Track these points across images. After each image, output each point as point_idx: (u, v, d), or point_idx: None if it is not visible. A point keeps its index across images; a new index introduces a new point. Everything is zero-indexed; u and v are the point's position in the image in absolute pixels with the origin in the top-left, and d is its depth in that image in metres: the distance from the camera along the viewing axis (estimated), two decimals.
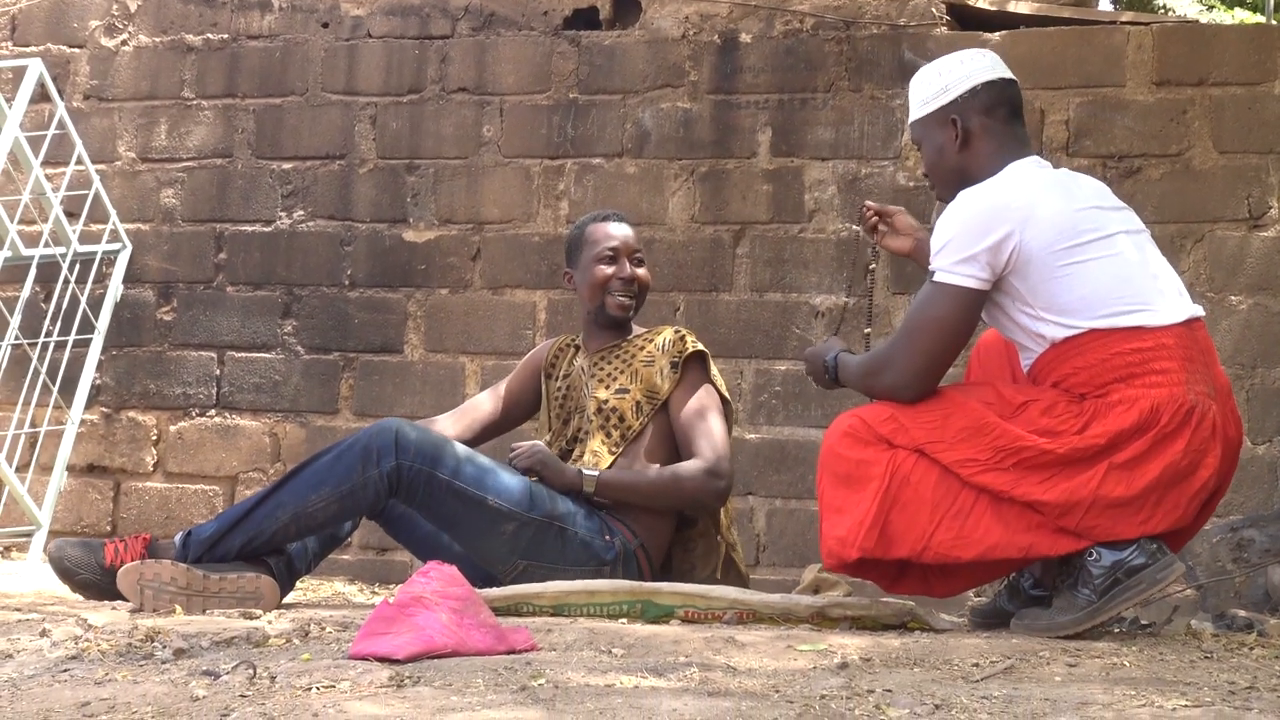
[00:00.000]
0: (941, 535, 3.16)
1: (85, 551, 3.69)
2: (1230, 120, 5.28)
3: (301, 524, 3.67)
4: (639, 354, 4.02)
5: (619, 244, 4.09)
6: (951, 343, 3.26)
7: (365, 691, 2.43)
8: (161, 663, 2.80)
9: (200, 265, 6.09)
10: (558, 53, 5.87)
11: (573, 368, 4.15)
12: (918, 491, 3.17)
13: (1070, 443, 3.11)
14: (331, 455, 3.69)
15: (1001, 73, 3.45)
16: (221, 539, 3.65)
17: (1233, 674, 2.74)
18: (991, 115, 3.38)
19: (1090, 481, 3.09)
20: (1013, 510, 3.14)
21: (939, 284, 3.24)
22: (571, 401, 4.10)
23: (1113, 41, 5.42)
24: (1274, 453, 5.13)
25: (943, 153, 3.42)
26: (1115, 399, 3.13)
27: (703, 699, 2.36)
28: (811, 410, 5.47)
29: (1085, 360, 3.17)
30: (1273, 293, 5.19)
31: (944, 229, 3.25)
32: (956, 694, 2.46)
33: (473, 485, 3.68)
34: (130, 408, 6.07)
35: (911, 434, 3.20)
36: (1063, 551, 3.15)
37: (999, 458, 3.13)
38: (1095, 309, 3.17)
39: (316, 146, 6.04)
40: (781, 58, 5.67)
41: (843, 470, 3.25)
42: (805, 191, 5.59)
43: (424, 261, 5.89)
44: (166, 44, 6.22)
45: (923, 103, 3.45)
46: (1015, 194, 3.25)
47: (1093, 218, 3.25)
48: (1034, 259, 3.18)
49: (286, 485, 3.68)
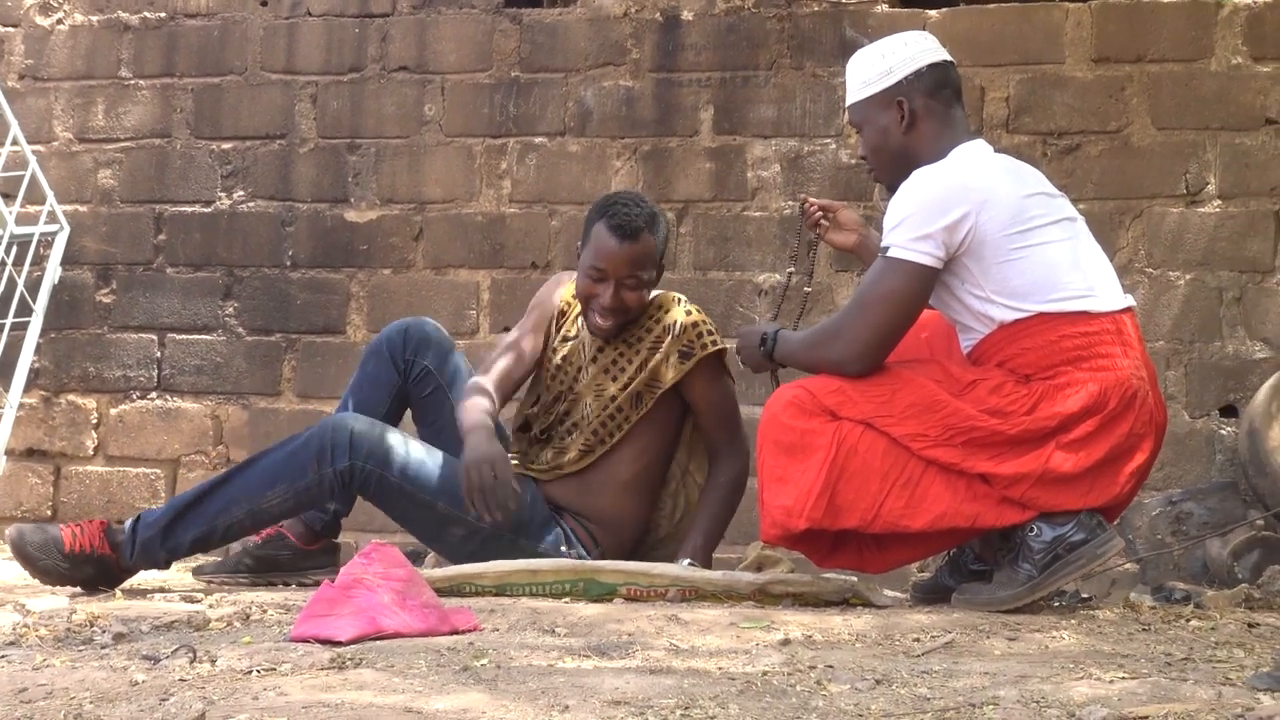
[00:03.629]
0: (891, 503, 3.18)
1: (44, 536, 3.66)
2: (1168, 97, 5.32)
3: (257, 519, 3.71)
4: (646, 338, 3.86)
5: (608, 268, 3.76)
6: (903, 319, 3.27)
7: (306, 674, 2.43)
8: (101, 648, 2.78)
9: (139, 247, 6.03)
10: (499, 31, 5.84)
11: (578, 335, 3.93)
12: (866, 461, 3.18)
13: (1020, 423, 3.16)
14: (285, 451, 3.68)
15: (943, 55, 3.46)
16: (172, 530, 3.64)
17: (1170, 646, 2.78)
18: (936, 97, 3.39)
19: (1040, 458, 3.15)
20: (961, 480, 3.18)
21: (894, 259, 3.24)
22: (565, 375, 3.92)
23: (1052, 18, 5.44)
24: (1211, 427, 5.19)
25: (887, 135, 3.41)
26: (1063, 381, 3.18)
27: (645, 677, 2.36)
28: (755, 388, 5.47)
29: (1033, 342, 3.21)
30: (1210, 268, 5.24)
31: (900, 206, 3.26)
32: (897, 669, 2.48)
33: (423, 489, 3.67)
34: (70, 391, 6.02)
35: (859, 407, 3.21)
36: (1007, 522, 3.19)
37: (949, 435, 3.17)
38: (1044, 293, 3.22)
39: (256, 126, 5.99)
40: (723, 35, 5.67)
41: (786, 440, 3.24)
42: (748, 169, 5.59)
43: (366, 241, 5.85)
44: (102, 23, 6.15)
45: (864, 84, 3.43)
46: (973, 175, 3.27)
47: (1042, 203, 3.29)
48: (988, 241, 3.21)
49: (238, 479, 3.67)
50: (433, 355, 4.00)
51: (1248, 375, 5.16)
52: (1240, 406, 5.13)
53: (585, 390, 3.87)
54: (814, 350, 3.34)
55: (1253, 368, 5.16)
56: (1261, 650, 2.76)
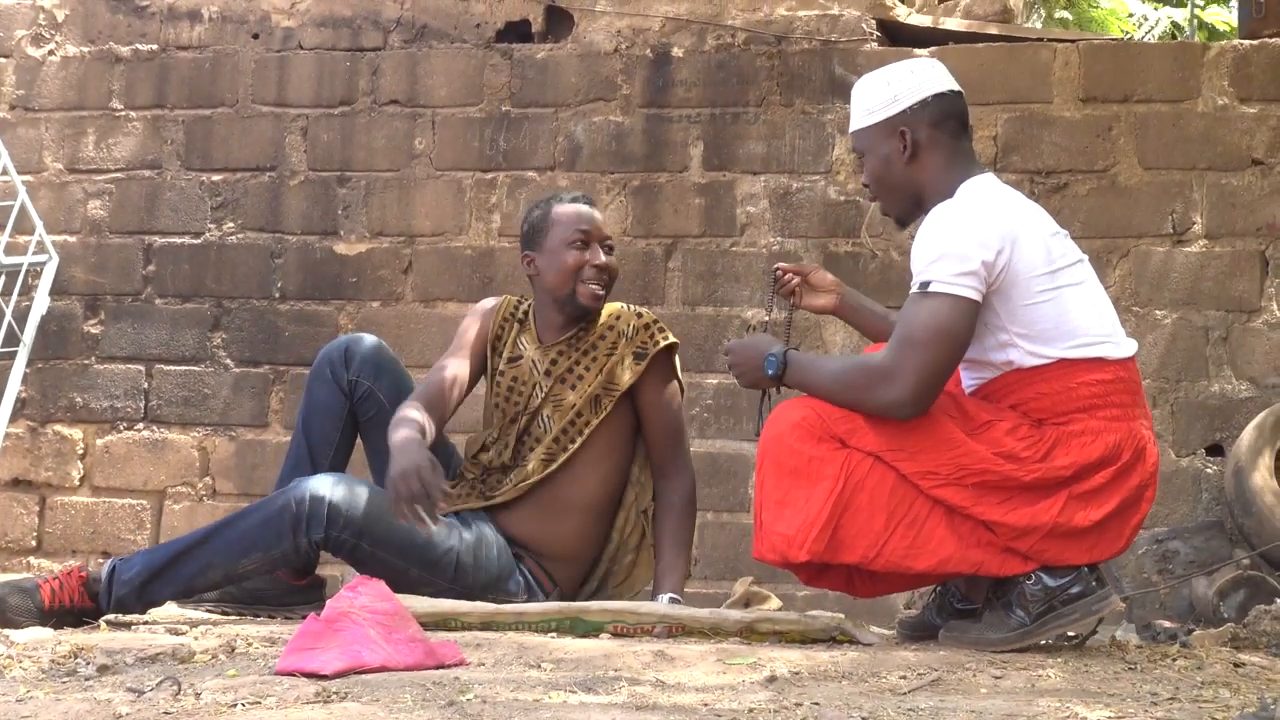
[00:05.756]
0: (895, 544, 3.09)
1: (22, 597, 3.55)
2: (1155, 137, 5.35)
3: (233, 581, 3.70)
4: (601, 344, 3.88)
5: (590, 229, 3.87)
6: (955, 356, 3.11)
7: (291, 707, 2.41)
8: (85, 680, 2.76)
9: (128, 277, 6.03)
10: (490, 65, 5.86)
11: (521, 353, 3.94)
12: (873, 497, 3.08)
13: (1035, 470, 3.06)
14: (261, 517, 3.61)
15: (951, 84, 3.36)
16: (148, 588, 3.61)
17: (1156, 685, 2.77)
18: (941, 128, 3.29)
19: (1051, 509, 3.06)
20: (966, 525, 3.09)
21: (940, 295, 3.07)
22: (519, 396, 3.89)
23: (1040, 58, 5.48)
24: (1198, 465, 5.20)
25: (889, 165, 3.30)
26: (1078, 429, 3.10)
27: (631, 713, 2.36)
28: (743, 423, 5.48)
29: (1049, 388, 3.12)
30: (1196, 307, 5.26)
31: (933, 243, 3.12)
32: (884, 706, 2.47)
33: (397, 555, 3.64)
34: (56, 421, 6.00)
35: (869, 438, 3.10)
36: (1010, 572, 3.11)
37: (961, 474, 3.07)
38: (1066, 338, 3.13)
39: (246, 158, 6.00)
40: (713, 72, 5.70)
41: (791, 463, 3.12)
42: (737, 205, 5.61)
43: (355, 274, 5.86)
44: (94, 54, 6.16)
45: (868, 112, 3.32)
46: (1003, 212, 3.17)
47: (1062, 244, 3.21)
48: (1018, 282, 3.11)
49: (214, 543, 3.62)
50: (374, 374, 3.92)
51: (1234, 414, 5.18)
52: (1226, 445, 5.14)
53: (544, 404, 3.86)
54: (858, 392, 3.12)
55: (1238, 407, 5.18)
56: (1247, 690, 2.76)
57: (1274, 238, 5.25)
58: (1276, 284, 5.24)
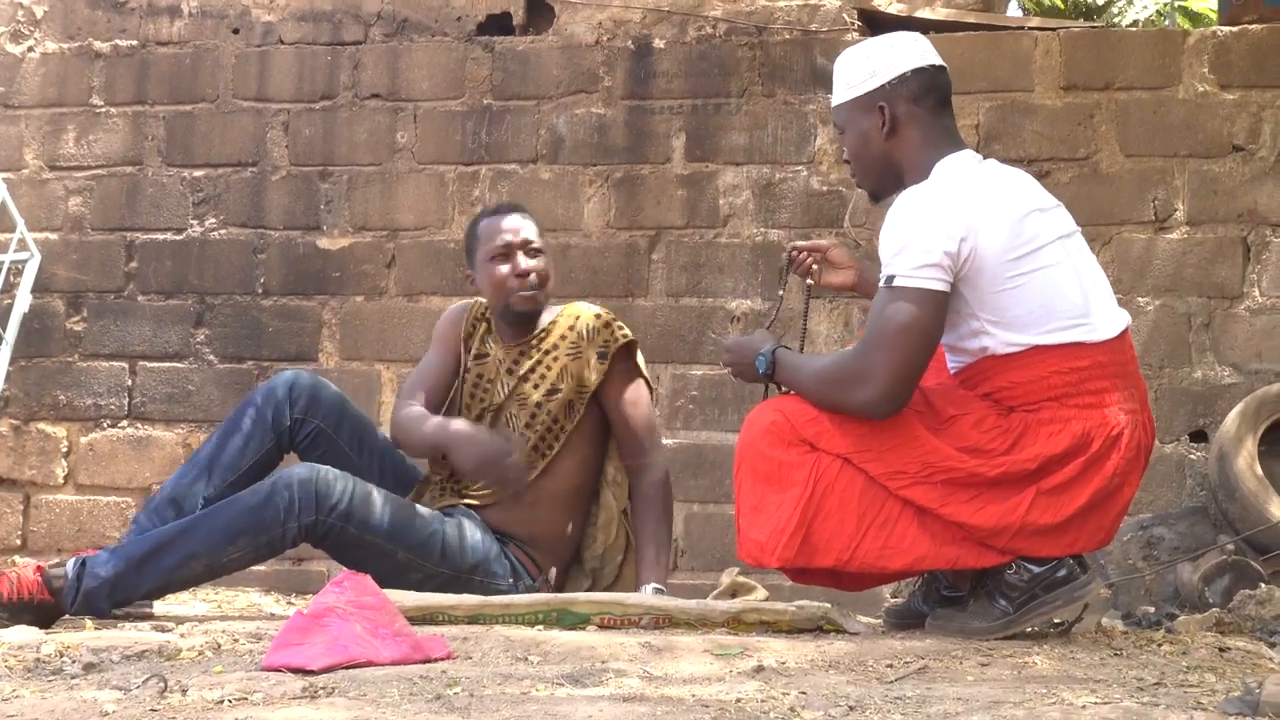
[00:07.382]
0: (868, 545, 3.08)
1: None
2: (1136, 124, 5.36)
3: (214, 573, 3.68)
4: (562, 344, 3.92)
5: (510, 239, 3.94)
6: (927, 351, 3.07)
7: (278, 703, 2.41)
8: (70, 678, 2.76)
9: (110, 274, 6.02)
10: (471, 59, 5.85)
11: (487, 350, 4.02)
12: (843, 500, 3.07)
13: (1000, 464, 3.03)
14: (248, 505, 3.60)
15: (932, 59, 3.31)
16: (123, 582, 3.58)
17: (1141, 671, 2.78)
18: (920, 104, 3.24)
19: (1018, 508, 3.04)
20: (938, 523, 3.08)
21: (905, 289, 3.04)
22: (483, 393, 3.97)
23: (1020, 47, 5.48)
24: (1182, 452, 5.22)
25: (868, 140, 3.26)
26: (1046, 417, 3.07)
27: (619, 705, 2.36)
28: (728, 414, 5.49)
29: (1022, 375, 3.09)
30: (1179, 294, 5.28)
31: (897, 232, 3.09)
32: (870, 695, 2.48)
33: (384, 539, 3.67)
34: (40, 419, 5.99)
35: (836, 440, 3.09)
36: (988, 564, 3.10)
37: (928, 472, 3.05)
38: (1041, 324, 3.09)
39: (228, 153, 5.99)
40: (695, 63, 5.69)
41: (763, 469, 3.13)
42: (720, 196, 5.61)
43: (338, 269, 5.85)
44: (74, 50, 6.14)
45: (848, 86, 3.28)
46: (966, 196, 3.12)
47: (1034, 224, 3.14)
48: (985, 267, 3.06)
49: (198, 533, 3.61)
50: (324, 413, 3.96)
51: (1217, 400, 5.20)
52: (1210, 431, 5.16)
53: (508, 402, 3.93)
54: (834, 392, 3.11)
55: (1222, 393, 5.20)
56: (1232, 675, 2.77)
57: (1255, 224, 5.26)
58: (1258, 270, 5.26)
